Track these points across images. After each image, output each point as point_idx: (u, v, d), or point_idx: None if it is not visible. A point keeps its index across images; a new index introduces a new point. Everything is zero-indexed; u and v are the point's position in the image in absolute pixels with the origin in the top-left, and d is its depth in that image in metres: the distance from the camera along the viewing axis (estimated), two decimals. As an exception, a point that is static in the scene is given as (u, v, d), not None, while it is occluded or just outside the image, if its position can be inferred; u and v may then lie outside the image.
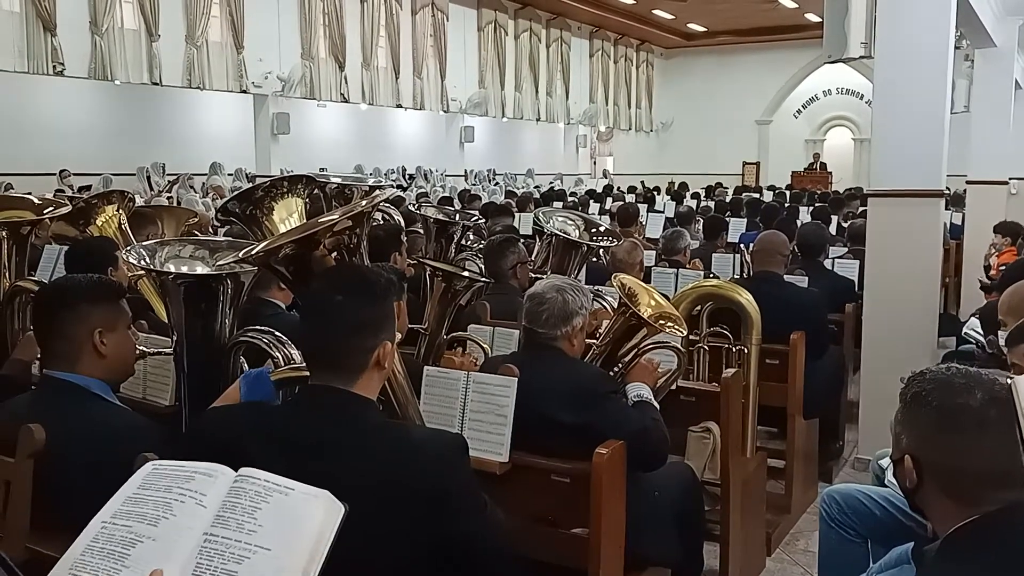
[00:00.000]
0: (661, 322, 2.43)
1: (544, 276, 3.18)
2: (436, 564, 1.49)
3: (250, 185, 2.19)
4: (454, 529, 1.48)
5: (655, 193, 14.20)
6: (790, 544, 3.40)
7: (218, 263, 2.01)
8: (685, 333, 2.54)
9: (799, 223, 6.09)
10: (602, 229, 4.07)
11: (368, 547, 1.44)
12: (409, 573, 1.47)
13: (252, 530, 1.13)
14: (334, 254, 1.73)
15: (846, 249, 5.69)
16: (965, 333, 3.57)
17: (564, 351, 2.32)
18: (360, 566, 1.44)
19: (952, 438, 1.26)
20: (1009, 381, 1.06)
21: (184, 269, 2.03)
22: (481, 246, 4.69)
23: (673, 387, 2.61)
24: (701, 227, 6.85)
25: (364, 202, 1.79)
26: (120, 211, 3.69)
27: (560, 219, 3.97)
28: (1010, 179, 8.08)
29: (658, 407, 2.39)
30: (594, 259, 4.84)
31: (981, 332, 3.25)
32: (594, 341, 2.55)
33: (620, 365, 2.47)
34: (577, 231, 3.91)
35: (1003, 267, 5.84)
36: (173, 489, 1.19)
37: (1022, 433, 1.03)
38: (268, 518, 1.14)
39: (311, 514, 1.15)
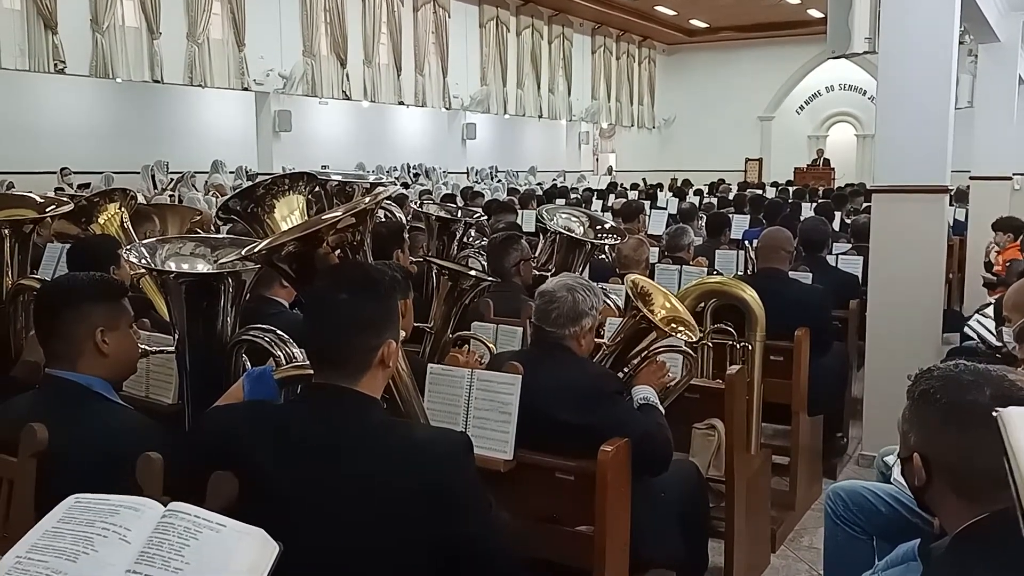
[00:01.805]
0: (673, 326, 2.42)
1: (548, 273, 3.17)
2: (439, 564, 1.48)
3: (251, 183, 2.18)
4: (458, 530, 1.47)
5: (657, 190, 14.18)
6: (795, 541, 3.40)
7: (220, 261, 2.00)
8: (697, 338, 2.52)
9: (802, 219, 6.07)
10: (607, 226, 4.05)
11: (371, 546, 1.43)
12: (415, 571, 1.46)
13: (178, 568, 1.07)
14: (337, 252, 1.72)
15: (850, 245, 5.68)
16: (968, 326, 3.55)
17: (572, 350, 2.31)
18: (363, 565, 1.44)
19: (961, 435, 1.24)
20: (996, 414, 1.03)
21: (185, 267, 2.02)
22: (484, 243, 4.68)
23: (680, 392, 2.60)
24: (704, 224, 6.84)
25: (367, 199, 1.78)
26: (122, 209, 3.68)
27: (564, 216, 3.96)
28: (1014, 175, 8.06)
29: (663, 411, 2.38)
30: (600, 255, 4.83)
31: (987, 327, 3.24)
32: (603, 341, 2.54)
33: (629, 367, 2.45)
34: (582, 228, 3.89)
35: (1008, 263, 5.83)
36: (96, 523, 1.13)
37: (1010, 465, 1.00)
38: (196, 556, 1.08)
39: (243, 553, 1.10)
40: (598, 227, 3.95)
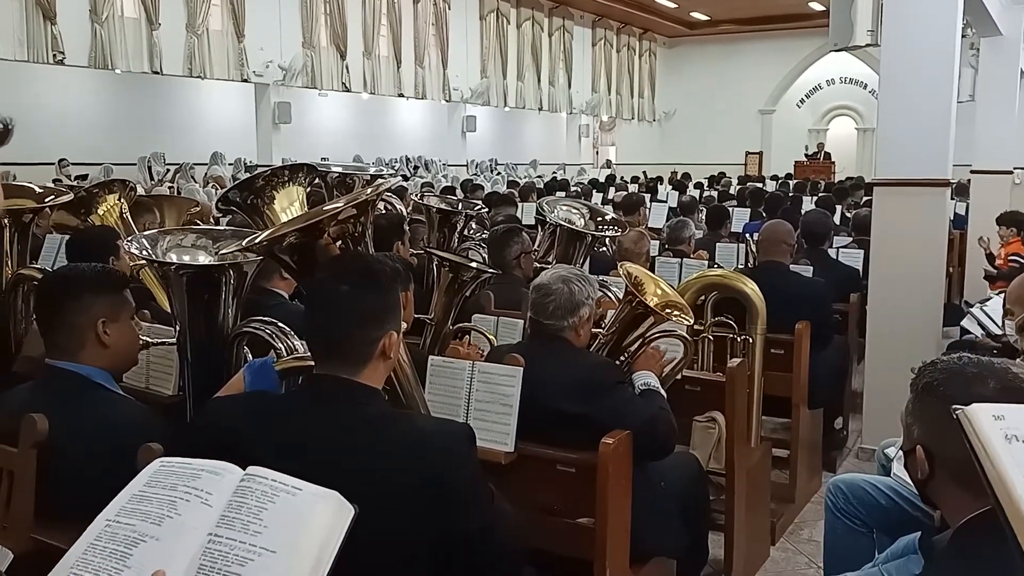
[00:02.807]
0: (667, 310, 2.42)
1: (549, 266, 3.16)
2: (441, 556, 1.48)
3: (250, 174, 2.18)
4: (460, 523, 1.47)
5: (658, 183, 14.16)
6: (794, 534, 3.40)
7: (221, 252, 1.99)
8: (691, 322, 2.52)
9: (804, 212, 6.07)
10: (608, 218, 4.03)
11: (373, 538, 1.43)
12: (415, 564, 1.46)
13: (257, 531, 1.10)
14: (338, 243, 1.72)
15: (850, 239, 5.67)
16: (970, 314, 3.53)
17: (570, 342, 2.30)
18: (366, 557, 1.44)
19: None
20: (956, 413, 1.02)
21: (186, 259, 2.02)
22: (484, 236, 4.67)
23: (679, 377, 2.60)
24: (704, 217, 6.83)
25: (369, 190, 1.77)
26: (121, 200, 3.68)
27: (565, 209, 3.95)
28: (1015, 169, 8.04)
29: (665, 395, 2.38)
30: (601, 248, 4.82)
31: (989, 316, 3.24)
32: (600, 330, 2.53)
33: (626, 354, 2.45)
34: (582, 220, 3.88)
35: (1010, 257, 5.83)
36: (179, 487, 1.17)
37: (981, 465, 0.98)
38: (274, 519, 1.11)
39: (319, 516, 1.13)
40: (599, 219, 3.94)
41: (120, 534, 1.12)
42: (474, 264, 2.84)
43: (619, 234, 4.09)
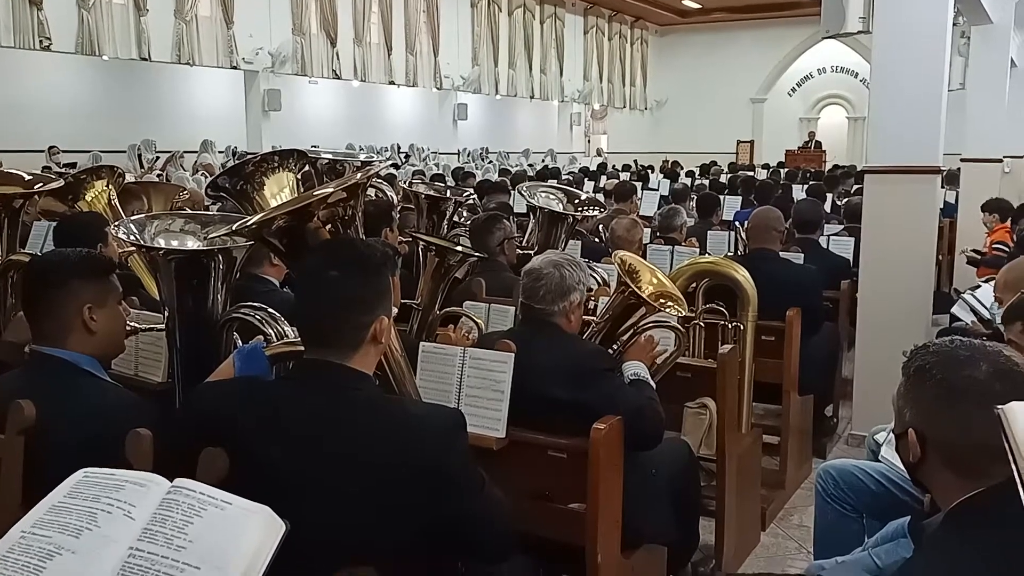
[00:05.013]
0: (661, 301, 2.41)
1: (532, 252, 3.15)
2: (434, 541, 1.48)
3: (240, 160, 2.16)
4: (452, 507, 1.47)
5: (649, 171, 14.16)
6: (784, 519, 3.42)
7: (210, 237, 1.98)
8: (685, 313, 2.52)
9: (796, 200, 6.08)
10: (583, 198, 4.04)
11: (364, 523, 1.43)
12: (407, 549, 1.46)
13: (181, 546, 1.06)
14: (328, 227, 1.71)
15: (841, 227, 5.69)
16: (961, 299, 3.55)
17: (561, 327, 2.30)
18: (358, 541, 1.43)
19: (957, 411, 1.24)
20: (997, 411, 1.02)
21: (175, 244, 2.00)
22: (474, 223, 4.66)
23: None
24: (695, 205, 6.83)
25: (359, 175, 1.76)
26: (109, 187, 3.65)
27: (543, 195, 3.94)
28: (1004, 157, 8.07)
29: (654, 386, 2.38)
30: (596, 239, 4.83)
31: (981, 301, 3.26)
32: (593, 318, 2.53)
33: (618, 343, 2.45)
34: (560, 204, 3.88)
35: (995, 245, 5.86)
36: (101, 499, 1.11)
37: (1016, 463, 0.99)
38: (200, 534, 1.07)
39: (248, 531, 1.08)
40: (576, 201, 3.94)
41: (35, 546, 1.07)
42: (460, 248, 2.83)
43: (600, 214, 4.08)
